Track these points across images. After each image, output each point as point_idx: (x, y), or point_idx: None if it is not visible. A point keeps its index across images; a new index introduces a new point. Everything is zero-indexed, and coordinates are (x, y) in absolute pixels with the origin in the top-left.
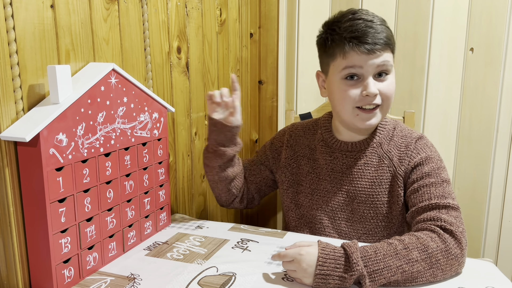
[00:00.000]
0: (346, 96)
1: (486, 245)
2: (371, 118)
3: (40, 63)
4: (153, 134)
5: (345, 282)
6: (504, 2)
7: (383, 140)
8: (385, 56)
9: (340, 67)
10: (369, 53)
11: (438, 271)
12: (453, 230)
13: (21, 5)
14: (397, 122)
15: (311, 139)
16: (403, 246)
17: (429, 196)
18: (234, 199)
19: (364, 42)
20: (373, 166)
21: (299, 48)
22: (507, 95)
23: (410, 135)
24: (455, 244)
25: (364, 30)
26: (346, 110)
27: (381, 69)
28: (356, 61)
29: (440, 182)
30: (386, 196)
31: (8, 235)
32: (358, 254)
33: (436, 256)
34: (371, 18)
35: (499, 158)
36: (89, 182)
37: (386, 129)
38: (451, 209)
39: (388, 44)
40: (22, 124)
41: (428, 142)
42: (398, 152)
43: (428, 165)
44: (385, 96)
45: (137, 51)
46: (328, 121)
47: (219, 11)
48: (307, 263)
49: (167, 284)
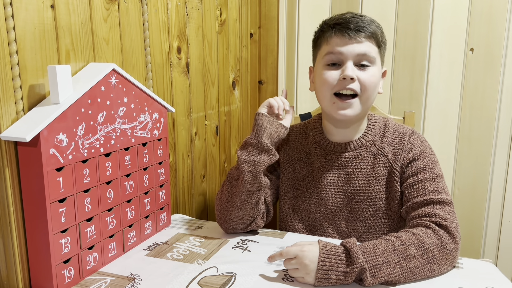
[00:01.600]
0: (325, 80)
1: (486, 245)
2: (346, 108)
3: (40, 63)
4: (153, 134)
5: (347, 277)
6: (504, 2)
7: (375, 138)
8: (368, 46)
9: (323, 53)
10: (351, 39)
11: (434, 266)
12: (447, 226)
13: (21, 5)
14: (387, 119)
15: (304, 143)
16: (401, 242)
17: (424, 191)
18: (254, 220)
19: (346, 28)
20: (368, 164)
21: (299, 48)
22: (507, 95)
23: (402, 130)
24: (450, 239)
25: (348, 19)
26: (325, 96)
27: (362, 58)
28: (336, 46)
29: (434, 177)
30: (384, 192)
31: (8, 235)
32: (358, 249)
33: (432, 251)
34: (361, 15)
35: (499, 158)
36: (89, 182)
37: (376, 126)
38: (445, 205)
39: (371, 33)
40: (22, 124)
41: (421, 137)
42: (392, 148)
43: (423, 160)
44: (364, 85)
45: (137, 51)
46: (319, 123)
47: (219, 11)
48: (309, 259)
49: (167, 284)
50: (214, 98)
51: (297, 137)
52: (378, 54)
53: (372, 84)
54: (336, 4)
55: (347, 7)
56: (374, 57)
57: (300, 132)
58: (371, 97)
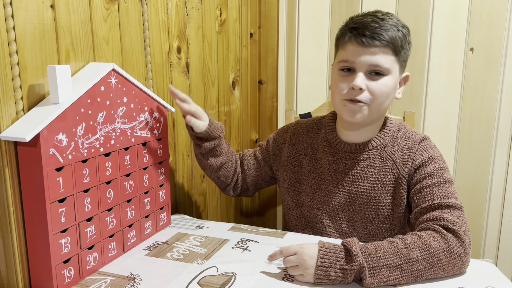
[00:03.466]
0: (337, 86)
1: (486, 245)
2: (356, 112)
3: (40, 63)
4: (153, 134)
5: (346, 275)
6: (504, 2)
7: (386, 143)
8: (381, 57)
9: (339, 58)
10: (364, 46)
11: (439, 270)
12: (455, 229)
13: (21, 5)
14: (402, 124)
15: (314, 138)
16: (405, 245)
17: (432, 196)
18: (226, 187)
19: (361, 34)
20: (375, 168)
21: (299, 48)
22: (507, 95)
23: (414, 137)
24: (458, 243)
25: (367, 23)
26: (336, 100)
27: (374, 68)
28: (350, 55)
29: (443, 182)
30: (389, 198)
31: (8, 235)
32: (357, 248)
33: (438, 255)
34: (385, 18)
35: (499, 158)
36: (89, 182)
37: (390, 131)
38: (454, 209)
39: (388, 42)
40: (22, 124)
41: (431, 143)
42: (402, 154)
43: (431, 166)
44: (374, 94)
45: (137, 51)
46: (333, 121)
47: (219, 11)
48: (309, 255)
49: (167, 284)
50: (214, 98)
51: (308, 131)
52: (395, 62)
53: (382, 93)
54: (336, 4)
55: (347, 7)
56: (387, 68)
57: (312, 127)
58: (382, 105)
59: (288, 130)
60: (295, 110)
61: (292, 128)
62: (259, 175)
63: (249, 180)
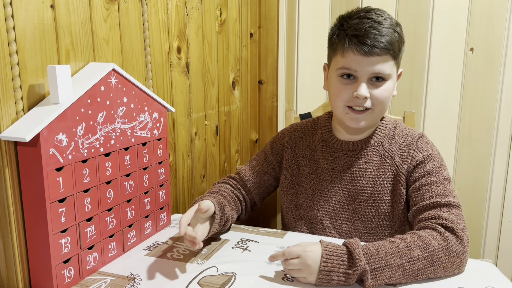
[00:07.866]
0: (339, 93)
1: (486, 245)
2: (360, 120)
3: (40, 63)
4: (153, 134)
5: (349, 279)
6: (504, 2)
7: (384, 139)
8: (383, 63)
9: (338, 65)
10: (366, 55)
11: (439, 269)
12: (454, 228)
13: (21, 5)
14: (397, 122)
15: (311, 140)
16: (405, 244)
17: (431, 194)
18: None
19: (362, 43)
20: (374, 165)
21: (299, 48)
22: (507, 95)
23: (411, 134)
24: (457, 242)
25: (366, 30)
26: (338, 107)
27: (376, 75)
28: (352, 63)
29: (441, 181)
30: (388, 194)
31: (8, 235)
32: (360, 251)
33: (437, 254)
34: (380, 20)
35: (499, 158)
36: (89, 182)
37: (387, 128)
38: (452, 207)
39: (388, 49)
40: (22, 124)
41: (429, 141)
42: (400, 150)
43: (430, 164)
44: (377, 101)
45: (137, 51)
46: (328, 120)
47: (219, 11)
48: (312, 259)
49: (167, 284)
50: (214, 98)
51: (304, 133)
52: (394, 66)
53: (385, 98)
54: (336, 4)
55: (347, 7)
56: (388, 73)
57: (308, 129)
58: (384, 108)
59: (285, 136)
60: (295, 110)
61: (288, 133)
62: (265, 190)
63: (257, 199)
